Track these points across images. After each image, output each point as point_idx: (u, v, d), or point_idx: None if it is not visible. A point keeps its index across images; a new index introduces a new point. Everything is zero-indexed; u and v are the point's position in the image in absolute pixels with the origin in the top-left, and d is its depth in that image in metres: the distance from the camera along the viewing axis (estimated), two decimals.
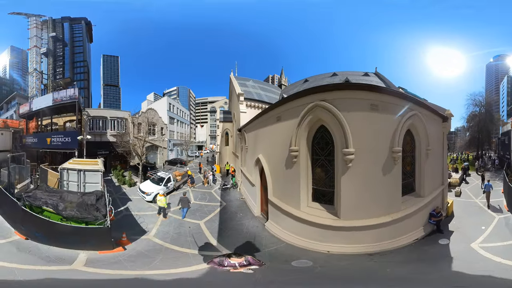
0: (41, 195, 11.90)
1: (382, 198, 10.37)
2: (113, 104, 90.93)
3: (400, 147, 10.63)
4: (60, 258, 8.97)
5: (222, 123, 29.65)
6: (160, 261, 8.71)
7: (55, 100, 26.10)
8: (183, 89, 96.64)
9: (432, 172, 13.48)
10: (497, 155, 33.52)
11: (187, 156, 40.71)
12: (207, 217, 13.24)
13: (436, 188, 13.88)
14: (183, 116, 46.45)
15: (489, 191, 16.44)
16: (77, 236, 9.77)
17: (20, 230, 10.84)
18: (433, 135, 13.30)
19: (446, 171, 16.26)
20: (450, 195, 17.94)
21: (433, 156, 13.38)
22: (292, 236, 10.51)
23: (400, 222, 10.51)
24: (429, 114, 13.39)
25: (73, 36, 59.83)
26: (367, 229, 9.88)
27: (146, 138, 24.86)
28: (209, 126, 77.25)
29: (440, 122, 15.26)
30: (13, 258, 8.68)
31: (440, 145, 15.11)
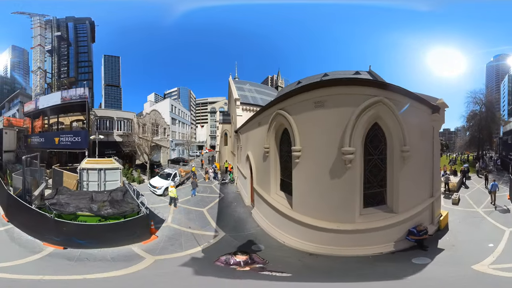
0: (67, 200, 11.95)
1: (330, 202, 10.17)
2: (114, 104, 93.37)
3: (351, 147, 9.54)
4: (120, 258, 9.61)
5: (221, 125, 32.36)
6: (185, 239, 11.16)
7: (64, 98, 27.17)
8: (184, 90, 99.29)
9: (414, 180, 11.12)
10: (498, 156, 32.83)
11: (189, 156, 43.36)
12: (208, 206, 15.92)
13: (421, 202, 11.49)
14: (184, 117, 48.99)
15: (495, 191, 15.83)
16: (123, 231, 10.49)
17: (52, 241, 10.68)
18: (416, 131, 11.12)
19: (437, 178, 13.47)
20: (447, 203, 16.07)
21: (416, 160, 10.99)
22: (264, 221, 12.81)
23: (355, 234, 9.91)
24: (409, 102, 10.82)
25: (77, 36, 61.57)
26: (314, 229, 10.19)
27: (152, 138, 27.37)
28: (209, 126, 79.70)
29: (428, 113, 12.52)
30: (76, 269, 8.80)
31: (428, 144, 12.44)
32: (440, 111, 13.04)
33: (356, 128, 9.56)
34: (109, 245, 10.25)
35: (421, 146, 11.80)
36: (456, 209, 15.27)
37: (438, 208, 13.06)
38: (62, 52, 58.82)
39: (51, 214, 11.03)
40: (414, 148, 10.65)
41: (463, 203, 16.36)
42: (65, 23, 61.28)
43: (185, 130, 48.80)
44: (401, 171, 10.55)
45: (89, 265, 9.18)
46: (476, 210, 15.02)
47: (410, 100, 10.89)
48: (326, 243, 10.08)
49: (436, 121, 12.98)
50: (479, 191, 19.26)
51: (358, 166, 9.95)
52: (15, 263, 8.85)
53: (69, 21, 62.30)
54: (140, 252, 10.00)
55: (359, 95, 9.73)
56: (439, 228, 12.27)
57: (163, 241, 11.14)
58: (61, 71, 57.80)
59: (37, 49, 52.10)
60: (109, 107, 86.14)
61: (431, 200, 12.19)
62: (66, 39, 59.75)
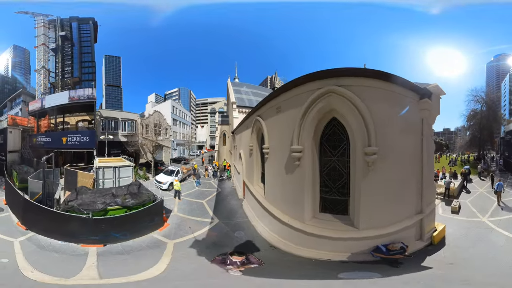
0: (92, 198, 12.84)
1: (286, 196, 10.91)
2: (115, 105, 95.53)
3: (299, 145, 9.60)
4: (152, 245, 11.12)
5: (220, 126, 34.93)
6: (191, 225, 13.49)
7: (72, 98, 28.09)
8: (184, 91, 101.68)
9: (390, 192, 9.22)
10: (500, 156, 32.00)
11: (189, 155, 45.87)
12: (207, 198, 18.41)
13: (400, 220, 9.46)
14: (184, 117, 51.39)
15: (500, 191, 15.53)
16: (146, 218, 11.95)
17: (90, 241, 11.16)
18: (395, 125, 9.11)
19: (429, 189, 10.80)
20: (446, 211, 14.54)
21: (394, 164, 9.18)
22: (249, 211, 15.02)
23: (304, 234, 9.90)
24: (383, 87, 8.85)
25: (81, 36, 62.59)
26: (276, 220, 11.04)
27: (156, 139, 29.79)
28: (209, 126, 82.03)
29: (414, 100, 9.84)
30: (135, 260, 9.80)
31: (414, 143, 9.97)
32: (433, 98, 10.12)
33: (304, 126, 9.44)
34: (137, 235, 11.78)
35: (403, 146, 9.42)
36: (456, 219, 13.34)
37: (431, 222, 10.73)
38: (66, 52, 60.08)
39: (87, 215, 11.74)
40: (390, 148, 8.87)
41: (465, 211, 14.35)
42: (69, 23, 62.32)
43: (186, 130, 51.23)
44: (366, 180, 8.93)
45: (139, 255, 10.50)
46: (482, 220, 13.12)
47: (383, 83, 8.78)
48: (282, 236, 10.81)
49: (426, 110, 9.94)
50: (483, 196, 17.12)
51: (307, 165, 9.79)
52: (83, 274, 8.95)
53: (72, 21, 63.36)
54: (162, 238, 12.10)
55: (313, 91, 9.28)
56: (432, 243, 10.31)
57: (174, 227, 13.34)
58: (65, 71, 59.14)
59: (40, 48, 53.07)
60: (110, 107, 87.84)
61: (419, 218, 9.95)
62: (70, 39, 60.93)
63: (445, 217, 13.85)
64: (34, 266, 9.32)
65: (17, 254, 10.29)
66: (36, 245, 11.28)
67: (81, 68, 63.31)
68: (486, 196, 17.54)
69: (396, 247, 9.07)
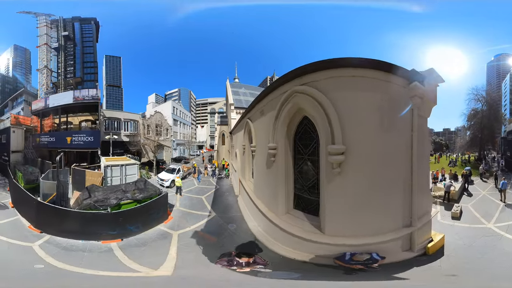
0: (104, 195, 13.60)
1: (266, 190, 12.02)
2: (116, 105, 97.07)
3: (273, 143, 10.31)
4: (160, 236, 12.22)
5: (219, 126, 36.51)
6: (192, 218, 14.98)
7: (76, 98, 28.46)
8: (184, 91, 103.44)
9: (362, 200, 8.28)
10: (501, 156, 31.64)
11: (189, 155, 47.50)
12: (206, 194, 20.05)
13: (381, 231, 8.44)
14: (185, 118, 52.97)
15: (505, 189, 15.54)
16: (154, 210, 13.09)
17: (109, 237, 11.71)
18: (373, 118, 7.97)
19: (423, 197, 9.40)
20: (445, 217, 13.53)
21: (370, 167, 8.14)
22: (243, 206, 16.50)
23: (278, 229, 10.12)
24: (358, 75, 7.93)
25: (83, 36, 63.29)
26: (260, 213, 11.95)
27: (157, 139, 31.35)
28: (209, 126, 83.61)
29: (401, 85, 8.45)
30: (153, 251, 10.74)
31: (401, 139, 8.64)
32: (426, 84, 8.53)
33: (277, 126, 10.02)
34: (147, 228, 12.97)
35: (382, 144, 8.12)
36: (457, 226, 12.26)
37: (425, 233, 9.54)
38: (68, 52, 60.85)
39: (106, 210, 12.54)
40: (363, 147, 7.95)
41: (467, 217, 13.38)
42: (71, 23, 63.05)
43: (186, 130, 52.81)
44: (332, 184, 8.30)
45: (153, 246, 11.48)
46: (487, 226, 12.09)
47: (355, 70, 7.83)
48: (265, 230, 11.42)
49: (416, 97, 8.30)
50: (487, 199, 16.01)
51: (281, 162, 10.23)
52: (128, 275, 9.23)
53: (75, 21, 63.97)
54: (168, 230, 13.47)
55: (284, 93, 9.62)
56: (426, 253, 9.19)
57: (177, 220, 14.80)
58: (67, 71, 59.84)
59: (43, 48, 53.89)
60: (111, 108, 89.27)
61: (406, 232, 8.73)
62: (73, 39, 61.56)
63: (444, 224, 12.70)
64: (79, 265, 9.67)
65: (47, 258, 10.27)
66: (59, 247, 11.39)
67: (83, 68, 64.22)
68: (490, 199, 16.21)
69: (361, 258, 8.22)
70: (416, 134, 8.90)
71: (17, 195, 15.95)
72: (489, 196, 17.35)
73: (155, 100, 78.69)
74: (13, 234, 12.27)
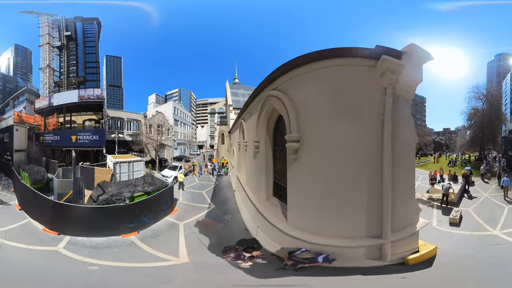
0: (118, 190, 14.70)
1: (253, 178, 13.59)
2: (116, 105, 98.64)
3: (257, 138, 12.10)
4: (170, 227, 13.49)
5: (219, 126, 38.32)
6: (194, 210, 16.63)
7: (82, 97, 28.99)
8: (185, 91, 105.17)
9: (316, 194, 8.28)
10: (502, 155, 31.44)
11: (190, 154, 49.27)
12: (206, 189, 21.78)
13: (340, 234, 7.99)
14: (185, 118, 54.70)
15: (507, 186, 15.62)
16: (162, 201, 14.35)
17: (128, 230, 12.32)
18: (324, 108, 7.92)
19: (404, 203, 8.14)
20: (443, 223, 12.23)
21: (323, 160, 8.06)
22: (238, 199, 18.11)
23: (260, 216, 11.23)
24: (316, 67, 8.08)
25: (85, 36, 64.05)
26: (249, 200, 13.47)
27: (159, 138, 33.05)
28: (209, 126, 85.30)
29: (366, 66, 7.64)
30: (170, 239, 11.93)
31: (361, 128, 7.74)
32: (405, 59, 7.43)
33: (259, 124, 11.77)
34: (157, 219, 14.20)
35: (340, 131, 7.75)
36: (457, 234, 10.96)
37: (409, 244, 8.31)
38: (70, 52, 61.80)
39: (125, 202, 13.43)
40: (317, 137, 8.07)
41: (468, 223, 12.02)
42: (73, 23, 63.96)
43: (187, 130, 54.52)
44: (291, 169, 8.99)
45: (166, 235, 12.58)
46: (493, 233, 10.80)
47: (309, 66, 8.16)
48: (252, 218, 12.82)
49: (388, 73, 7.33)
50: (489, 202, 14.84)
51: (262, 153, 11.86)
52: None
53: (77, 21, 64.70)
54: (174, 221, 14.94)
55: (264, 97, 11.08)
56: (405, 263, 8.02)
57: (181, 212, 16.38)
58: (70, 70, 58.93)
59: (45, 47, 54.66)
60: (111, 107, 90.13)
61: (372, 243, 7.79)
62: (75, 39, 61.31)
63: (441, 231, 11.44)
64: (119, 261, 10.18)
65: (84, 259, 10.41)
66: (86, 246, 11.50)
67: (85, 68, 65.10)
68: (493, 202, 15.01)
69: (302, 256, 8.10)
70: (390, 118, 7.51)
71: (26, 197, 15.50)
72: (491, 198, 15.95)
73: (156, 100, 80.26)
74: (30, 239, 11.88)
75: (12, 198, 17.45)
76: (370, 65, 7.66)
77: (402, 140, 7.90)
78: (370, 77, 7.70)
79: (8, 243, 11.35)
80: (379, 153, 7.71)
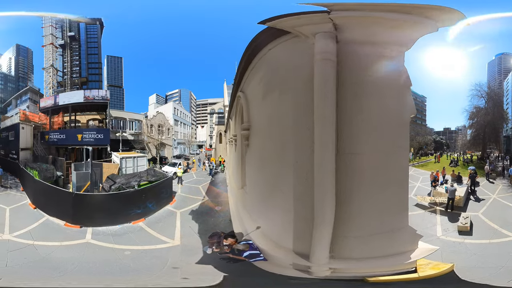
0: (126, 180, 17.41)
1: (234, 169, 15.60)
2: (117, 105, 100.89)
3: (234, 132, 14.31)
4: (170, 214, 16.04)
5: (217, 126, 40.57)
6: (190, 201, 19.11)
7: (87, 97, 30.99)
8: (185, 92, 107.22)
9: (260, 180, 8.25)
10: (504, 155, 32.02)
11: (190, 153, 51.72)
12: (202, 184, 24.57)
13: (271, 232, 7.60)
14: (185, 118, 57.17)
15: None
16: (163, 190, 16.78)
17: (136, 216, 14.14)
18: (260, 91, 7.88)
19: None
20: (448, 231, 10.93)
21: (264, 145, 7.93)
22: (229, 192, 20.33)
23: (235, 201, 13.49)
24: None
25: (88, 36, 64.33)
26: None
27: (160, 138, 35.36)
28: (208, 127, 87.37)
29: (292, 45, 6.67)
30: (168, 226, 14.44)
31: (297, 105, 6.60)
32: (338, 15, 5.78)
33: (236, 119, 13.36)
34: (159, 207, 16.44)
35: (269, 111, 7.43)
36: (470, 243, 9.64)
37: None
38: (74, 52, 62.72)
39: (134, 188, 15.87)
40: (257, 120, 8.43)
41: (480, 230, 10.66)
42: (76, 23, 65.85)
43: (186, 130, 57.04)
44: (246, 155, 10.42)
45: (167, 221, 14.92)
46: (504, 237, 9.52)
47: (254, 60, 8.09)
48: (237, 208, 13.75)
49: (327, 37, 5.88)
50: (499, 203, 13.82)
51: (239, 145, 13.10)
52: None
53: (80, 22, 66.62)
54: (173, 209, 17.44)
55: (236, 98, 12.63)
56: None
57: (179, 202, 19.04)
58: (73, 71, 59.75)
59: (48, 47, 55.61)
60: (112, 108, 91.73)
61: (300, 263, 6.50)
62: (78, 39, 62.15)
63: (450, 242, 10.13)
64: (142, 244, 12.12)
65: (115, 246, 11.83)
66: (109, 235, 12.92)
67: (88, 69, 66.18)
68: (504, 204, 14.07)
69: (239, 247, 8.05)
70: (321, 81, 5.87)
71: (40, 194, 16.03)
72: (501, 199, 14.96)
73: (156, 101, 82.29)
74: (57, 236, 12.52)
75: (23, 198, 17.79)
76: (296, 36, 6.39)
77: (361, 115, 6.01)
78: (300, 46, 6.44)
79: (40, 244, 11.73)
80: (306, 123, 6.08)
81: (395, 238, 6.29)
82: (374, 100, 6.04)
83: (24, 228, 13.34)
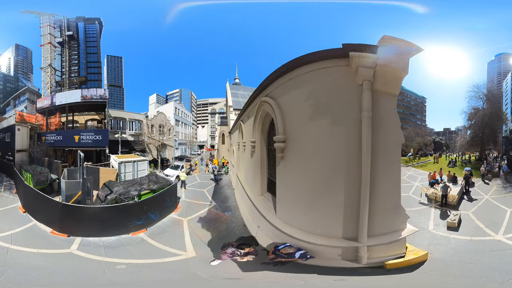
0: (125, 189, 15.28)
1: (250, 174, 14.97)
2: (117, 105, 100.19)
3: (253, 138, 13.48)
4: (175, 223, 14.31)
5: (219, 126, 39.55)
6: (196, 207, 17.85)
7: (85, 97, 29.16)
8: (185, 91, 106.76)
9: (298, 191, 9.14)
10: (501, 156, 32.28)
11: (191, 154, 50.55)
12: (207, 188, 22.96)
13: (317, 232, 8.52)
14: (186, 118, 56.03)
15: (507, 171, 18.98)
16: (167, 198, 15.04)
17: (136, 227, 12.71)
18: (304, 111, 8.61)
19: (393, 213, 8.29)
20: (439, 226, 12.02)
21: (302, 160, 8.89)
22: (238, 197, 19.30)
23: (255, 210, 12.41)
24: (295, 75, 8.87)
25: (87, 36, 64.73)
26: (247, 195, 14.68)
27: (161, 138, 34.31)
28: (209, 127, 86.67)
29: (337, 66, 7.88)
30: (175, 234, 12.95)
31: (343, 126, 7.94)
32: (381, 51, 7.26)
33: (255, 126, 13.05)
34: (163, 216, 14.92)
35: (313, 135, 8.42)
36: (454, 238, 10.67)
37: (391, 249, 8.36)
38: (72, 51, 61.26)
39: (134, 200, 13.78)
40: (297, 139, 8.99)
41: (467, 227, 11.66)
42: (75, 22, 64.36)
43: (187, 130, 55.88)
44: (279, 166, 10.15)
45: (172, 231, 13.36)
46: (495, 238, 10.43)
47: (291, 73, 8.96)
48: (250, 213, 13.86)
49: (362, 68, 7.36)
50: (491, 204, 14.40)
51: (258, 152, 13.21)
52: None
53: (79, 21, 65.10)
54: (178, 218, 15.98)
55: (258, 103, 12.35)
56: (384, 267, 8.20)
57: (184, 209, 17.50)
58: (71, 70, 59.98)
59: (46, 46, 55.05)
60: (112, 107, 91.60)
61: (348, 244, 8.09)
62: (77, 38, 61.99)
63: (437, 235, 11.16)
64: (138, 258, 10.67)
65: (104, 259, 10.59)
66: (100, 246, 11.75)
67: (87, 68, 65.61)
68: (495, 204, 14.50)
69: (284, 251, 8.64)
70: (368, 116, 7.48)
71: (30, 199, 15.44)
72: (493, 200, 15.38)
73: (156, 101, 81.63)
74: (39, 242, 11.80)
75: (15, 200, 17.31)
76: (344, 64, 7.73)
77: (385, 140, 7.81)
78: (347, 76, 7.75)
79: (16, 248, 11.08)
80: (357, 154, 7.70)
81: (397, 226, 8.55)
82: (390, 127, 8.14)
83: (7, 231, 12.77)
